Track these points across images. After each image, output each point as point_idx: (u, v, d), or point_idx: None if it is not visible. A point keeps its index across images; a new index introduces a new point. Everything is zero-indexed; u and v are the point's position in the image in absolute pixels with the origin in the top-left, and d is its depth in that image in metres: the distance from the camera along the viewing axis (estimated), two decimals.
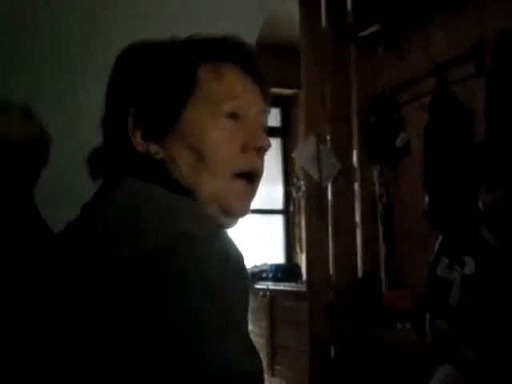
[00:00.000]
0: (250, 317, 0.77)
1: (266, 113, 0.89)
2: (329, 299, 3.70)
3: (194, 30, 0.87)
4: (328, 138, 3.74)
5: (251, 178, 0.84)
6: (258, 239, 5.25)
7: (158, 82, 0.82)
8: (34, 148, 1.47)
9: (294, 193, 5.19)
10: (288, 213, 5.33)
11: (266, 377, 4.49)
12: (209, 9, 2.05)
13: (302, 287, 4.13)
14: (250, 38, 2.10)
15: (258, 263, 5.07)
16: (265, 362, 4.53)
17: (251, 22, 2.27)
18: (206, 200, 0.80)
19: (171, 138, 0.81)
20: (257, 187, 0.86)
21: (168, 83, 0.81)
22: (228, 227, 0.85)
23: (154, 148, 0.81)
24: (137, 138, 0.81)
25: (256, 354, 0.70)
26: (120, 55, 0.86)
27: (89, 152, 0.85)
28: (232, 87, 0.83)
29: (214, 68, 0.83)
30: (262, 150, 0.84)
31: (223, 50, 0.84)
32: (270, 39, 4.05)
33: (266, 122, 0.89)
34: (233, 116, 0.82)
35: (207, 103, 0.81)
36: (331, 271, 3.73)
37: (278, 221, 5.37)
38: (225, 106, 0.82)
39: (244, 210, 0.84)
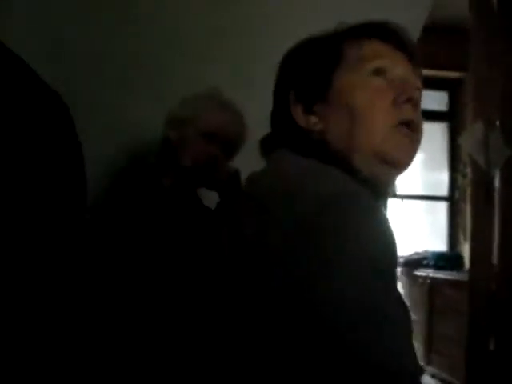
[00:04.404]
0: (407, 301, 0.81)
1: (416, 76, 0.90)
2: (491, 290, 3.56)
3: (360, 17, 0.93)
4: (497, 123, 3.58)
5: (409, 129, 0.86)
6: (420, 226, 5.15)
7: (310, 60, 0.91)
8: (235, 145, 1.64)
9: (460, 180, 5.01)
10: (453, 200, 5.16)
11: (421, 364, 4.44)
12: None
13: (464, 276, 4.02)
14: (417, 22, 2.06)
15: (419, 250, 4.98)
16: (421, 350, 4.47)
17: (419, 7, 2.24)
18: (364, 153, 0.84)
19: (327, 105, 0.88)
20: (417, 139, 0.87)
21: (318, 59, 0.90)
22: (386, 184, 0.87)
23: (312, 119, 0.89)
24: (298, 113, 0.91)
25: (404, 306, 0.74)
26: (284, 55, 0.97)
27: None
28: (375, 51, 0.88)
29: (358, 41, 0.90)
30: (412, 102, 0.85)
31: (367, 29, 0.91)
32: (438, 22, 3.93)
33: (419, 84, 0.91)
34: (379, 73, 0.86)
35: (354, 66, 0.87)
36: (495, 261, 3.59)
37: (441, 208, 5.21)
38: (370, 64, 0.87)
39: (405, 158, 0.86)
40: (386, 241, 0.72)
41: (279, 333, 0.71)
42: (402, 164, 0.86)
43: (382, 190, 0.87)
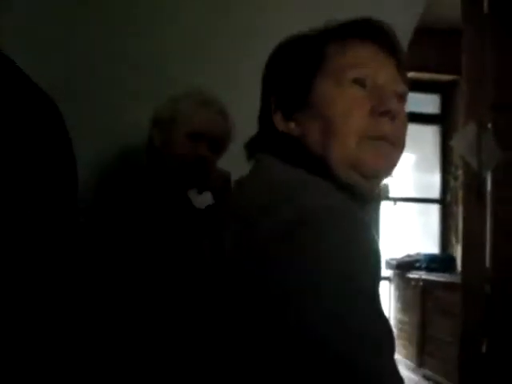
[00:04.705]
0: (400, 305, 0.79)
1: (399, 81, 0.89)
2: (483, 292, 3.59)
3: (351, 16, 0.91)
4: (489, 125, 3.61)
5: (386, 141, 0.84)
6: (412, 228, 5.18)
7: (291, 64, 0.90)
8: (223, 144, 1.61)
9: (452, 182, 5.04)
10: (445, 202, 5.19)
11: (413, 366, 4.46)
12: None
13: (457, 278, 4.04)
14: (409, 25, 2.08)
15: (411, 252, 5.01)
16: (414, 352, 4.50)
17: (411, 8, 2.25)
18: (339, 164, 0.83)
19: (305, 113, 0.87)
20: (394, 151, 0.85)
21: (298, 63, 0.89)
22: (368, 190, 0.86)
23: (291, 125, 0.88)
24: (277, 119, 0.90)
25: (386, 319, 0.71)
26: (269, 55, 0.95)
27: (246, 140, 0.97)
28: (358, 57, 0.86)
29: (342, 43, 0.88)
30: (390, 114, 0.83)
31: (352, 29, 0.89)
32: (430, 24, 3.97)
33: (402, 90, 0.89)
34: (358, 82, 0.84)
35: (334, 74, 0.85)
36: (487, 263, 3.62)
37: (433, 210, 5.25)
38: (349, 72, 0.85)
39: (380, 168, 0.84)
40: (369, 256, 0.71)
41: (254, 348, 0.71)
42: (376, 176, 0.85)
43: (365, 196, 0.87)
